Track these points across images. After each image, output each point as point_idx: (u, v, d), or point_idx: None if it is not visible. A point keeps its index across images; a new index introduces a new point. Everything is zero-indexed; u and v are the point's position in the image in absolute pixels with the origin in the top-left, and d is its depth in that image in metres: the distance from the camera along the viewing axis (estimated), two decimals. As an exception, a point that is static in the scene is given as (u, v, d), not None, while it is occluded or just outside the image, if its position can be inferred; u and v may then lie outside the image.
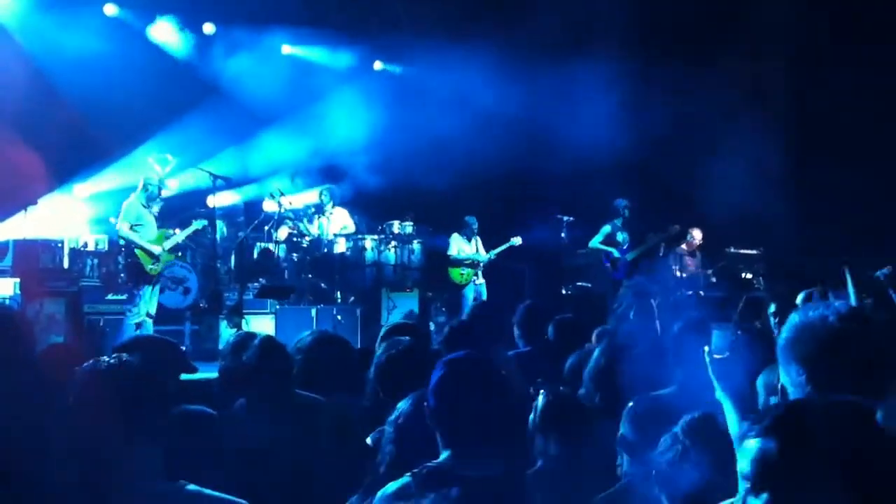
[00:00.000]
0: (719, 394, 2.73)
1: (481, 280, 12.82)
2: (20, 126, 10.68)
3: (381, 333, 4.66)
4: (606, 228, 12.13)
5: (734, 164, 12.08)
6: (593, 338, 5.63)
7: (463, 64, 13.28)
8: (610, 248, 12.10)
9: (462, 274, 12.76)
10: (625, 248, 12.08)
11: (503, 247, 12.82)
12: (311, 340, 4.26)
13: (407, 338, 4.13)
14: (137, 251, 9.70)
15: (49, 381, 3.30)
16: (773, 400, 3.02)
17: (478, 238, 12.90)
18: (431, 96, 13.65)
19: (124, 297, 10.40)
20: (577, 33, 12.68)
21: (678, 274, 12.28)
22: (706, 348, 2.90)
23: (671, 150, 12.01)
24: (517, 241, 12.80)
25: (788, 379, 1.96)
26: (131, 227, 9.72)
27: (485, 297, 12.55)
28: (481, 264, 12.80)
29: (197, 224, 10.69)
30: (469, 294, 12.69)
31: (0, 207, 10.97)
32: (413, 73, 14.34)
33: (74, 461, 2.39)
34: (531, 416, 3.21)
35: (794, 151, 12.28)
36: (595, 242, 12.18)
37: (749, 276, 12.35)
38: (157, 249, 9.77)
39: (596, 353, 3.98)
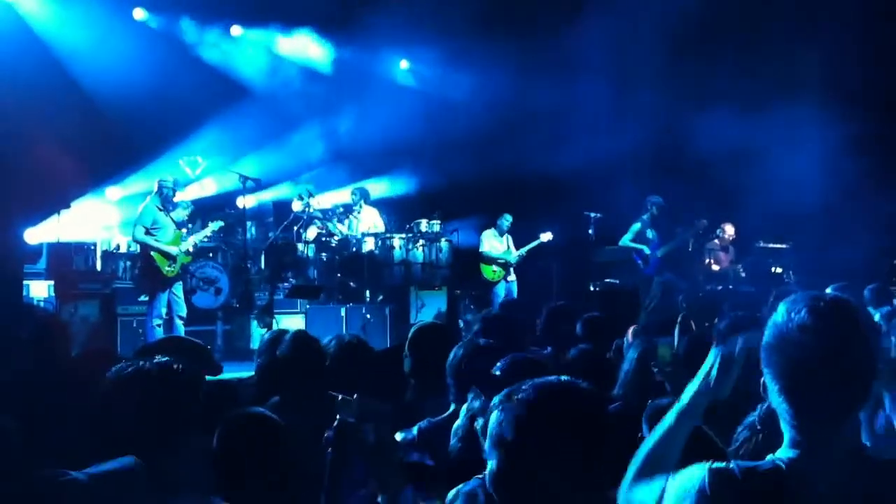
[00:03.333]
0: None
1: (513, 277, 12.88)
2: (53, 130, 10.82)
3: (411, 333, 4.66)
4: (636, 226, 12.10)
5: (765, 159, 12.01)
6: (629, 334, 5.62)
7: (490, 61, 13.30)
8: (640, 246, 12.07)
9: (494, 271, 12.85)
10: (655, 244, 12.05)
11: (532, 244, 12.86)
12: (333, 347, 4.29)
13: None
14: (154, 254, 9.77)
15: (85, 384, 3.35)
16: None
17: (509, 236, 12.97)
18: (459, 94, 13.69)
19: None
20: (606, 30, 12.63)
21: (713, 268, 12.25)
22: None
23: (700, 144, 11.93)
24: (547, 237, 12.83)
25: (767, 381, 1.95)
26: (147, 231, 9.78)
27: (515, 295, 12.57)
28: (511, 264, 12.86)
29: (213, 225, 10.76)
30: (500, 291, 12.74)
31: (34, 211, 11.11)
32: (440, 72, 14.35)
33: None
34: None
35: (828, 144, 12.16)
36: (625, 240, 12.16)
37: (779, 270, 12.28)
38: (173, 250, 9.82)
39: (631, 354, 3.96)
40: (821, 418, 1.87)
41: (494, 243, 12.92)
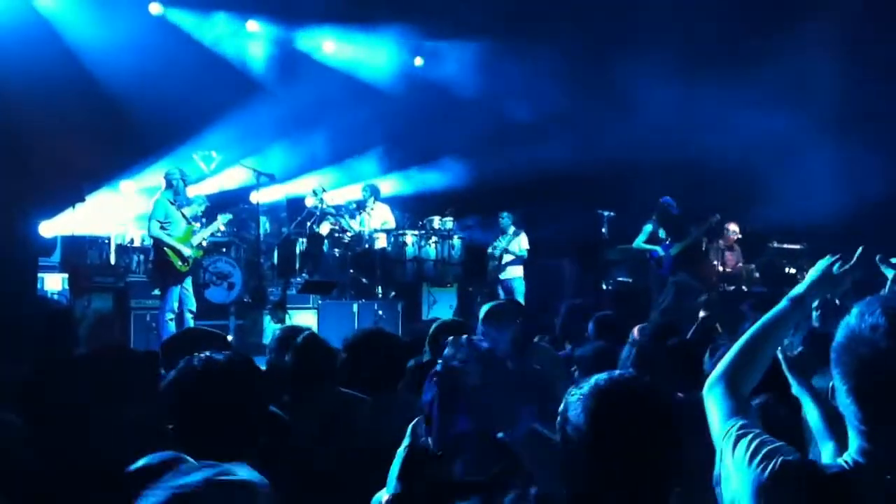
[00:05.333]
0: (796, 389, 2.74)
1: (508, 275, 12.61)
2: (68, 123, 10.86)
3: (432, 330, 4.67)
4: (648, 227, 12.01)
5: (779, 159, 11.95)
6: (634, 332, 5.60)
7: (504, 60, 13.29)
8: (653, 247, 12.00)
9: (488, 269, 12.79)
10: (668, 243, 11.98)
11: (506, 243, 12.70)
12: (359, 337, 4.28)
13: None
14: (167, 250, 9.77)
15: (100, 378, 3.35)
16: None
17: (515, 233, 12.72)
18: (473, 92, 13.68)
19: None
20: (617, 28, 12.60)
21: (720, 269, 12.17)
22: (779, 347, 2.89)
23: (714, 144, 11.89)
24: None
25: (836, 383, 1.91)
26: (161, 226, 9.79)
27: (517, 292, 12.36)
28: (496, 259, 12.70)
29: (222, 219, 10.75)
30: (498, 289, 12.60)
31: (49, 204, 11.16)
32: (454, 70, 14.33)
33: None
34: None
35: (840, 145, 12.09)
36: (638, 243, 12.07)
37: (793, 270, 12.21)
38: (186, 251, 9.82)
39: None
40: (890, 421, 1.82)
41: (498, 242, 12.81)
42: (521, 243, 12.64)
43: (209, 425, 2.42)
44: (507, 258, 12.62)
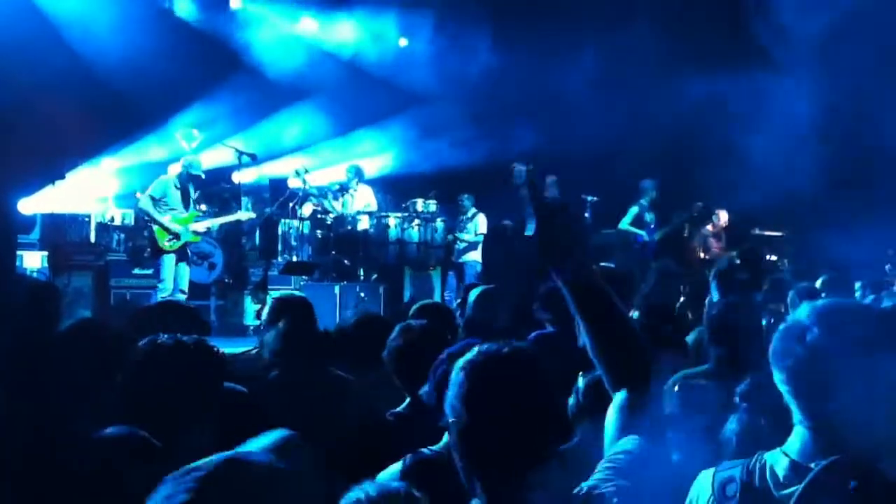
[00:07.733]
0: None
1: (463, 259, 12.56)
2: (48, 99, 10.74)
3: (412, 312, 4.66)
4: (634, 210, 12.04)
5: (763, 146, 11.97)
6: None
7: (486, 42, 13.25)
8: (638, 231, 12.02)
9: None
10: (652, 228, 12.01)
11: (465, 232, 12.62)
12: (353, 321, 4.26)
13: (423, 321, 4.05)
14: (153, 226, 9.84)
15: (74, 356, 3.33)
16: None
17: (473, 215, 12.62)
18: (456, 73, 13.63)
19: (150, 271, 10.51)
20: (601, 10, 12.58)
21: (702, 255, 12.21)
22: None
23: (699, 130, 11.91)
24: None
25: (774, 374, 1.93)
26: (155, 203, 9.81)
27: (469, 275, 12.28)
28: (453, 244, 12.62)
29: (243, 213, 11.02)
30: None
31: (28, 180, 11.05)
32: (438, 50, 14.26)
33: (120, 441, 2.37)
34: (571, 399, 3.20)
35: (825, 132, 12.13)
36: (624, 224, 12.09)
37: (774, 258, 12.27)
38: (176, 227, 9.83)
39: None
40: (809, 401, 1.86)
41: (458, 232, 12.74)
42: (479, 227, 12.52)
43: (158, 405, 2.44)
44: (461, 244, 12.55)
